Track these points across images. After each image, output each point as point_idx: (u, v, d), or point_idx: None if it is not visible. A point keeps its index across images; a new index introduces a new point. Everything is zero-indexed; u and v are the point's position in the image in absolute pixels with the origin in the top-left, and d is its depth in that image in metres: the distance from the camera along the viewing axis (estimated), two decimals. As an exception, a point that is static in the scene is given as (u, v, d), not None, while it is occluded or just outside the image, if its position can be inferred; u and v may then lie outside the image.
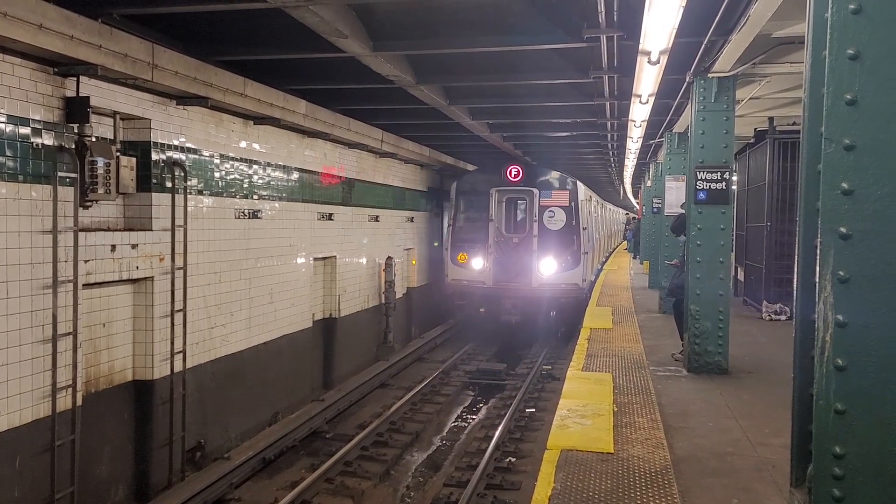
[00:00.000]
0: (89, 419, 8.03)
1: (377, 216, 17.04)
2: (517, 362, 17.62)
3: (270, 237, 11.77)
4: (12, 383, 6.97)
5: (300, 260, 12.92)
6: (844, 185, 2.30)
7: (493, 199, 19.02)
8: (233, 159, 10.70)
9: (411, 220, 19.89)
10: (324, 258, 14.20)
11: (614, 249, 42.85)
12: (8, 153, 6.89)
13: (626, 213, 45.56)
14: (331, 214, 14.21)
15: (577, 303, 18.54)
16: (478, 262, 18.94)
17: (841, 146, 2.30)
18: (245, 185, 11.03)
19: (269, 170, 11.71)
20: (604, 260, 30.87)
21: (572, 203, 18.74)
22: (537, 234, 18.72)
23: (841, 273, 2.29)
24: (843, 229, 2.30)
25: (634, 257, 32.06)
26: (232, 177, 10.67)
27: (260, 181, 11.46)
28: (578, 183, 19.15)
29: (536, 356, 17.86)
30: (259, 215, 11.40)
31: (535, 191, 18.84)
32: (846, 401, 2.31)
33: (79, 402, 7.70)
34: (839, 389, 2.32)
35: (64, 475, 7.51)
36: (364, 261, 16.26)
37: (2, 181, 6.84)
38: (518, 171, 18.97)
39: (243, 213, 10.97)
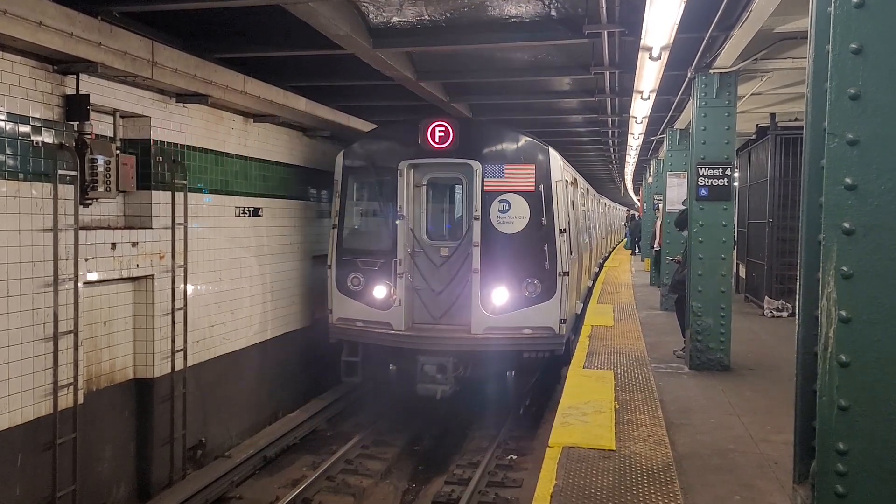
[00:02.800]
0: (90, 417, 8.03)
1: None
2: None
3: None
4: (13, 381, 6.96)
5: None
6: (848, 180, 2.28)
7: (403, 181, 11.08)
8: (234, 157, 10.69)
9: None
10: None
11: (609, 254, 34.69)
12: (8, 151, 6.88)
13: (628, 211, 44.11)
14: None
15: (552, 359, 11.39)
16: (379, 291, 11.06)
17: (844, 141, 2.29)
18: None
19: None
20: (597, 270, 23.45)
21: (541, 187, 10.82)
22: (480, 241, 10.78)
23: (844, 269, 2.28)
24: (846, 225, 2.28)
25: (633, 254, 31.93)
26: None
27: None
28: (552, 153, 11.13)
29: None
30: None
31: (477, 165, 10.86)
32: (849, 397, 2.30)
33: (80, 400, 7.70)
34: (842, 385, 2.30)
35: (65, 473, 7.51)
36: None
37: (2, 179, 6.83)
38: (446, 132, 10.93)
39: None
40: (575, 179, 14.65)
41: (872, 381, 2.28)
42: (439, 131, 10.99)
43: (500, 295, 10.79)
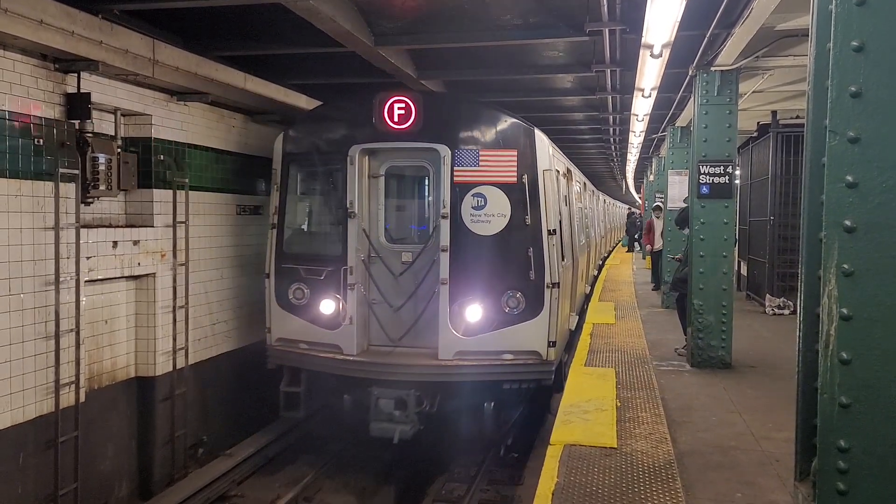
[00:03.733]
0: (92, 415, 8.04)
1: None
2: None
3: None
4: (15, 379, 6.97)
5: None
6: (849, 177, 2.29)
7: (354, 170, 9.05)
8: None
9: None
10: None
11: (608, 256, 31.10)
12: (9, 150, 6.88)
13: (629, 208, 43.31)
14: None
15: (539, 390, 9.38)
16: (327, 306, 9.11)
17: (845, 139, 2.29)
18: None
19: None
20: (596, 273, 21.33)
21: (525, 177, 8.79)
22: (450, 244, 8.82)
23: (846, 266, 2.28)
24: (847, 222, 2.28)
25: (629, 251, 31.84)
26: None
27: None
28: (539, 135, 9.07)
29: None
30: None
31: (444, 151, 8.85)
32: (851, 394, 2.30)
33: (82, 398, 7.71)
34: (844, 383, 2.31)
35: (67, 471, 7.52)
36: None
37: (3, 178, 6.83)
38: (407, 109, 8.93)
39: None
40: (569, 171, 12.38)
41: (874, 378, 2.28)
42: (399, 108, 8.88)
43: (474, 312, 8.74)
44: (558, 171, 10.31)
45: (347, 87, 12.17)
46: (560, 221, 9.69)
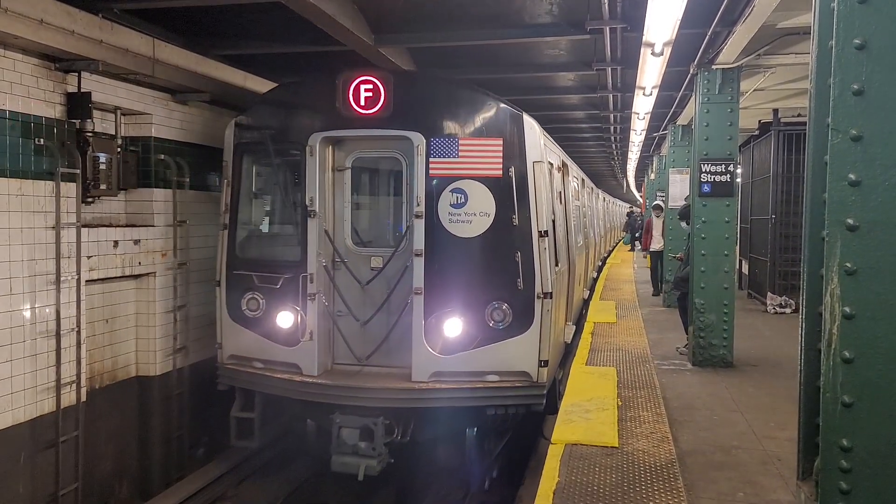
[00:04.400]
0: (93, 415, 8.04)
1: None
2: None
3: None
4: (16, 379, 6.97)
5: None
6: (851, 176, 2.28)
7: (315, 162, 7.90)
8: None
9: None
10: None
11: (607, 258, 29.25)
12: (10, 149, 6.88)
13: (631, 207, 42.68)
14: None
15: (529, 416, 7.99)
16: (284, 319, 8.00)
17: (848, 137, 2.28)
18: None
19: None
20: (596, 275, 20.22)
21: (511, 170, 7.58)
22: (425, 248, 7.65)
23: (848, 265, 2.27)
24: (850, 221, 2.27)
25: (631, 250, 31.76)
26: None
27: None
28: (528, 121, 7.79)
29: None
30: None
31: (418, 139, 7.68)
32: (853, 393, 2.29)
33: (83, 397, 7.71)
34: (846, 382, 2.30)
35: (68, 471, 7.52)
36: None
37: (4, 177, 6.83)
38: (375, 91, 7.76)
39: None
40: (565, 164, 10.96)
41: (876, 377, 2.27)
42: (366, 90, 7.67)
43: (453, 326, 7.54)
44: (552, 164, 8.91)
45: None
46: (553, 221, 8.49)
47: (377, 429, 7.34)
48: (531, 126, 7.74)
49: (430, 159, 7.60)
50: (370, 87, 7.69)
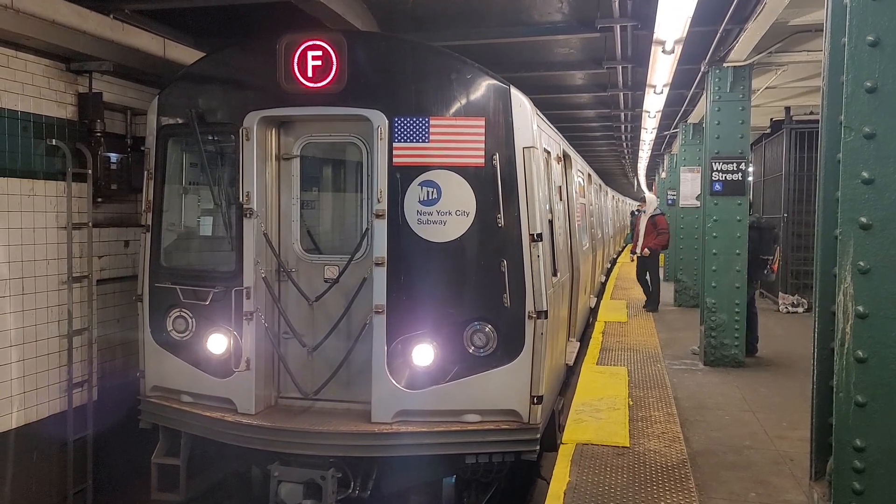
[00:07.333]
0: (104, 414, 8.06)
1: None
2: None
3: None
4: (28, 379, 7.01)
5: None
6: (864, 174, 2.26)
7: (252, 148, 6.28)
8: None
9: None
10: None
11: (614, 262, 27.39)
12: (22, 150, 6.92)
13: (638, 206, 41.71)
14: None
15: (519, 466, 6.29)
16: (216, 343, 6.41)
17: (861, 134, 2.26)
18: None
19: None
20: (604, 279, 18.86)
21: (495, 158, 5.87)
22: (388, 255, 6.00)
23: (861, 264, 2.26)
24: (863, 219, 2.26)
25: (633, 252, 31.09)
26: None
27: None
28: (516, 96, 6.03)
29: None
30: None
31: (379, 119, 6.00)
32: (867, 393, 2.28)
33: (94, 397, 7.74)
34: (860, 381, 2.28)
35: (80, 470, 7.56)
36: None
37: (17, 177, 6.87)
38: (325, 58, 6.09)
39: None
40: (567, 155, 9.38)
41: (890, 376, 2.25)
42: (314, 58, 6.12)
43: (424, 353, 6.00)
44: (548, 153, 7.40)
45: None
46: (551, 222, 7.06)
47: (326, 483, 5.80)
48: (520, 103, 6.08)
49: (395, 144, 6.01)
50: (318, 53, 6.09)
